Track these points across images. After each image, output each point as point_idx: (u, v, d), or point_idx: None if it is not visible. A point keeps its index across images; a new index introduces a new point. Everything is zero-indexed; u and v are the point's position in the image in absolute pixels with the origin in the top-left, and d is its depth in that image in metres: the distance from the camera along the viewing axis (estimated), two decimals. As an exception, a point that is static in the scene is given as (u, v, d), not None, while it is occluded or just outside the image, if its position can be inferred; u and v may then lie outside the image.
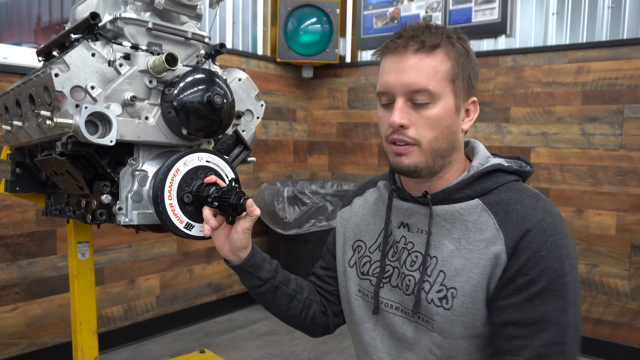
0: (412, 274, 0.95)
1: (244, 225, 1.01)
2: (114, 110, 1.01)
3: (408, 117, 0.89)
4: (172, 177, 1.02)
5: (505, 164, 0.96)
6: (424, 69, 0.88)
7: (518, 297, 0.85)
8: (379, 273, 1.01)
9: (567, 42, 2.64)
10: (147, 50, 1.08)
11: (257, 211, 1.00)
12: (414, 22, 0.93)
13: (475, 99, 0.96)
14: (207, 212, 1.00)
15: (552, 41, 2.70)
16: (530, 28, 2.77)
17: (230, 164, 1.11)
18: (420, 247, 0.96)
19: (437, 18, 3.04)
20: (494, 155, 1.02)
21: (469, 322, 0.88)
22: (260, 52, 3.34)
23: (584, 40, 2.59)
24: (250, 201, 0.98)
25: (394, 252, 1.01)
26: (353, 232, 1.11)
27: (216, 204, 1.00)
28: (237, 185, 1.02)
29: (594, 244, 2.56)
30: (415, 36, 0.89)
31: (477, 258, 0.88)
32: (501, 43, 2.85)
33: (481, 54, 2.86)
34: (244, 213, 0.99)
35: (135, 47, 1.07)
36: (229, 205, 0.98)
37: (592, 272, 2.57)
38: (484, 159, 0.97)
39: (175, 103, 1.04)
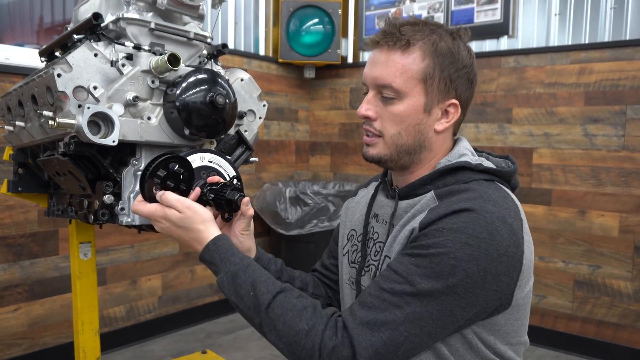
0: (374, 262, 0.98)
1: (240, 226, 1.02)
2: (116, 111, 1.01)
3: (375, 109, 0.93)
4: (175, 177, 1.02)
5: (473, 163, 0.92)
6: (392, 65, 0.90)
7: (404, 252, 0.85)
8: (361, 261, 1.03)
9: (570, 43, 2.64)
10: (149, 51, 1.08)
11: (251, 211, 1.00)
12: (409, 17, 0.94)
13: (455, 101, 0.94)
14: (192, 194, 1.00)
15: (554, 42, 2.69)
16: (532, 29, 2.77)
17: (232, 164, 1.11)
18: (383, 237, 0.98)
19: (439, 19, 3.03)
20: (481, 153, 1.01)
21: None
22: (262, 52, 3.34)
23: (587, 41, 2.59)
24: (245, 200, 0.98)
25: (368, 242, 1.04)
26: (350, 222, 1.13)
27: (212, 196, 0.99)
28: (238, 183, 1.02)
29: (597, 245, 2.55)
30: (392, 33, 0.92)
31: (402, 236, 0.89)
32: (503, 44, 2.84)
33: (483, 55, 2.86)
34: (239, 213, 1.00)
35: (137, 47, 1.07)
36: (224, 200, 0.97)
37: (595, 274, 2.56)
38: (454, 156, 0.95)
39: (177, 103, 1.04)
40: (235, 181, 1.03)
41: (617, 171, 2.49)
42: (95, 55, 1.02)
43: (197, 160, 1.05)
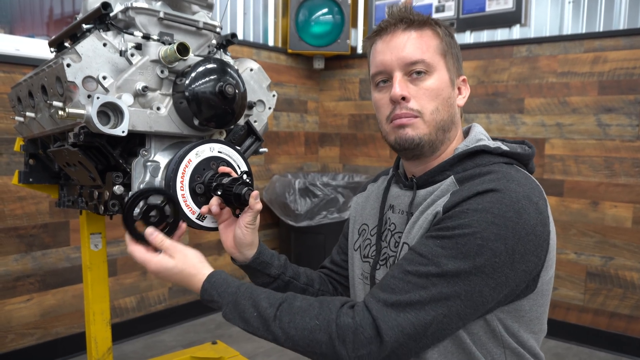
0: (394, 254, 0.97)
1: (246, 219, 1.01)
2: (125, 101, 1.00)
3: (408, 90, 0.91)
4: (184, 167, 1.01)
5: (492, 146, 0.92)
6: (416, 42, 0.92)
7: (427, 234, 0.84)
8: (375, 255, 1.01)
9: (584, 32, 2.59)
10: (158, 40, 1.07)
11: (259, 205, 0.99)
12: (397, 7, 0.97)
13: (464, 77, 1.00)
14: (213, 199, 1.01)
15: (567, 30, 2.65)
16: (545, 17, 2.72)
17: (242, 154, 1.10)
18: (401, 227, 0.96)
19: (450, 7, 3.00)
20: (495, 139, 1.00)
21: None
22: (271, 43, 3.32)
23: (601, 29, 2.54)
24: (255, 193, 0.97)
25: (385, 235, 1.02)
26: (361, 216, 1.12)
27: (220, 192, 0.99)
28: (248, 178, 1.02)
29: (610, 236, 2.52)
30: (403, 17, 0.94)
31: (424, 220, 0.88)
32: (516, 33, 2.80)
33: (495, 44, 2.82)
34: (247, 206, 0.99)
35: (146, 37, 1.06)
36: (232, 195, 0.97)
37: (608, 265, 2.53)
38: (472, 141, 0.95)
39: (187, 93, 1.03)
40: (245, 176, 1.02)
41: (631, 161, 2.45)
42: (105, 45, 1.02)
43: (206, 150, 1.04)
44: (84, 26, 1.07)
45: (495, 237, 0.77)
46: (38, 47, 2.21)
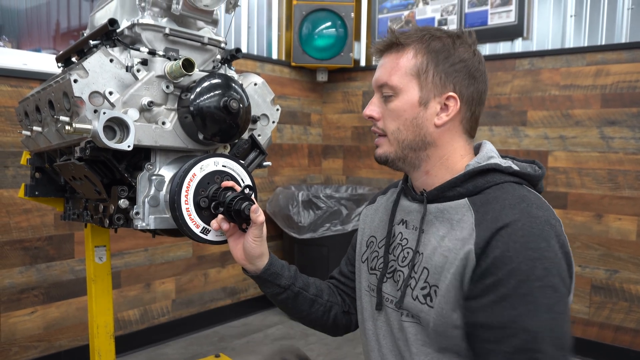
0: (402, 269, 0.98)
1: (252, 232, 1.02)
2: (131, 116, 1.01)
3: (379, 110, 0.99)
4: (189, 181, 1.02)
5: (503, 165, 0.94)
6: (388, 66, 0.98)
7: (487, 299, 0.83)
8: (383, 268, 1.02)
9: (586, 45, 2.60)
10: (164, 56, 1.09)
11: (261, 218, 1.00)
12: (390, 28, 1.01)
13: (453, 94, 0.95)
14: (218, 217, 1.03)
15: (570, 43, 2.66)
16: (547, 30, 2.74)
17: (246, 168, 1.11)
18: (412, 243, 0.98)
19: (453, 21, 3.02)
20: (505, 157, 1.01)
21: (449, 322, 0.88)
22: (275, 56, 3.35)
23: (603, 43, 2.55)
24: (254, 207, 0.98)
25: (394, 248, 1.03)
26: (369, 229, 1.13)
27: (221, 209, 1.00)
28: (250, 192, 1.02)
29: (614, 249, 2.51)
30: (390, 39, 0.98)
31: (454, 257, 0.87)
32: (518, 46, 2.82)
33: (497, 57, 2.83)
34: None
35: (152, 52, 1.08)
36: (233, 211, 0.98)
37: (613, 278, 2.52)
38: (483, 158, 0.96)
39: (192, 108, 1.05)
40: (247, 190, 1.02)
41: (635, 174, 2.45)
42: (111, 60, 1.03)
43: (211, 164, 1.05)
44: (91, 42, 1.09)
45: (545, 272, 0.81)
46: (45, 62, 2.24)
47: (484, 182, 0.92)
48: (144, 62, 1.07)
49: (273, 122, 1.28)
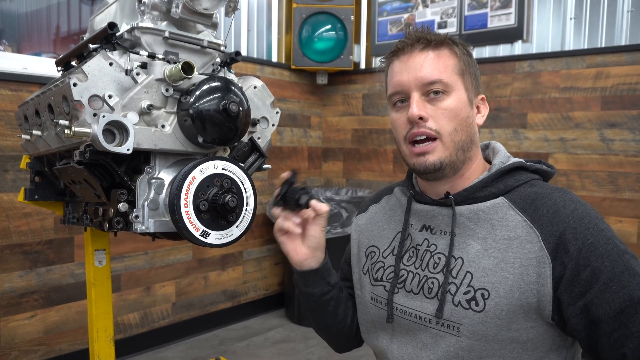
0: (435, 276, 0.92)
1: (320, 223, 1.01)
2: (131, 119, 1.01)
3: (425, 110, 0.91)
4: (188, 185, 1.02)
5: (527, 163, 0.95)
6: (434, 62, 0.92)
7: (593, 292, 0.80)
8: (393, 278, 0.98)
9: (585, 47, 2.61)
10: (163, 59, 1.09)
11: (326, 207, 1.00)
12: (414, 28, 0.99)
13: (483, 96, 0.99)
14: (291, 217, 1.02)
15: (569, 46, 2.66)
16: (547, 33, 2.74)
17: (245, 171, 1.11)
18: (444, 248, 0.93)
19: (453, 24, 3.02)
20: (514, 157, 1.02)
21: (504, 324, 0.85)
22: (275, 59, 3.35)
23: (603, 45, 2.55)
24: (313, 202, 0.99)
25: (409, 257, 0.98)
26: (367, 239, 1.10)
27: (299, 202, 1.00)
28: (306, 187, 1.03)
29: (615, 251, 2.51)
30: (420, 37, 0.94)
31: (512, 257, 0.85)
32: (518, 48, 2.82)
33: (497, 60, 2.83)
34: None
35: (152, 56, 1.08)
36: (293, 202, 1.00)
37: (613, 281, 2.51)
38: (505, 157, 0.97)
39: (191, 111, 1.04)
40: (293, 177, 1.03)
41: (635, 176, 2.45)
42: (111, 64, 1.03)
43: (210, 167, 1.05)
44: (91, 46, 1.09)
45: (623, 245, 0.83)
46: (45, 66, 2.24)
47: (514, 181, 0.92)
48: (144, 66, 1.07)
49: (273, 125, 1.27)
